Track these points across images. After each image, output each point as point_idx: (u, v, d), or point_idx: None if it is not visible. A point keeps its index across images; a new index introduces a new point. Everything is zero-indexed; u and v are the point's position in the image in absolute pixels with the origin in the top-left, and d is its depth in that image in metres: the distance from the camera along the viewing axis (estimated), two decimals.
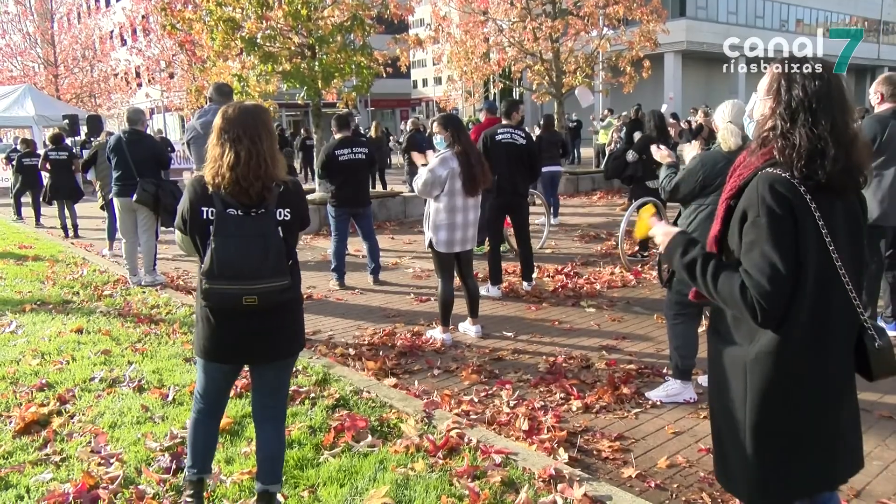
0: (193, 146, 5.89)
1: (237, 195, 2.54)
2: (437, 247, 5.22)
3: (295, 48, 12.13)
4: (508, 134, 6.66)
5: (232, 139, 2.55)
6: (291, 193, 2.67)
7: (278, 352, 2.72)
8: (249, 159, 2.53)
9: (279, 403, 2.86)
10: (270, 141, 2.62)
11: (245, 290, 2.49)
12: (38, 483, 3.23)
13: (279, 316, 2.65)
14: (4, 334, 5.71)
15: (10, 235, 11.78)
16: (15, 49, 34.36)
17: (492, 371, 4.73)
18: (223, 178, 2.54)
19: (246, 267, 2.50)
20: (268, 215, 2.57)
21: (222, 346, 2.67)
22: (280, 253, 2.55)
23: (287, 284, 2.57)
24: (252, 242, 2.52)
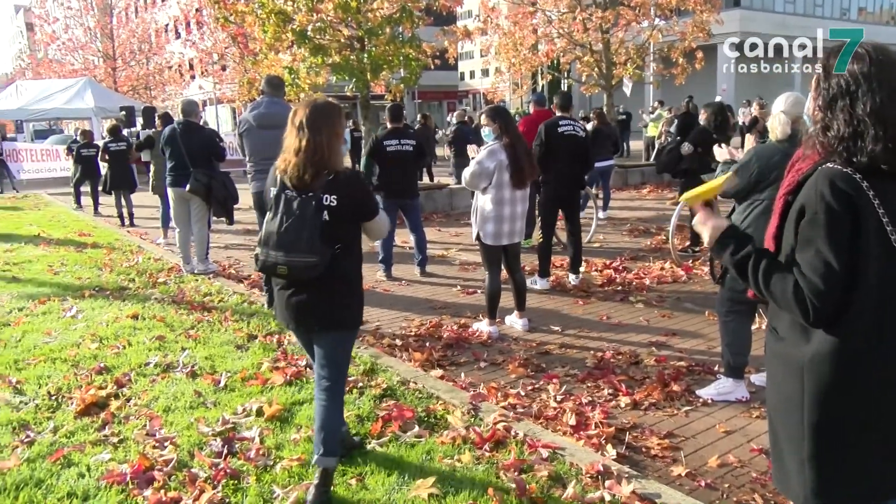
0: (246, 138, 5.98)
1: (294, 179, 2.86)
2: (484, 239, 5.21)
3: (344, 40, 12.24)
4: (570, 126, 6.60)
5: (298, 129, 2.87)
6: (342, 183, 2.88)
7: (315, 323, 3.00)
8: (308, 148, 2.82)
9: (329, 376, 3.04)
10: (330, 134, 2.88)
11: (279, 260, 2.83)
12: (97, 462, 3.34)
13: (319, 290, 2.92)
14: (65, 318, 5.91)
15: (70, 223, 12.19)
16: (77, 43, 35.45)
17: (538, 365, 4.70)
18: (288, 163, 2.87)
19: (283, 240, 2.82)
20: (314, 199, 2.84)
21: (280, 313, 3.07)
22: (315, 233, 2.80)
23: (314, 262, 2.81)
24: (294, 221, 2.82)
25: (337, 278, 2.93)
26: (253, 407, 3.87)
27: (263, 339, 5.14)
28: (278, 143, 5.84)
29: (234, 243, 9.85)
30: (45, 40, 38.43)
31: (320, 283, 2.88)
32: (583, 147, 6.69)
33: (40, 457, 3.41)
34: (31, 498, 3.04)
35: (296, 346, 4.95)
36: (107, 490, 3.09)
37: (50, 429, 3.75)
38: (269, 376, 4.31)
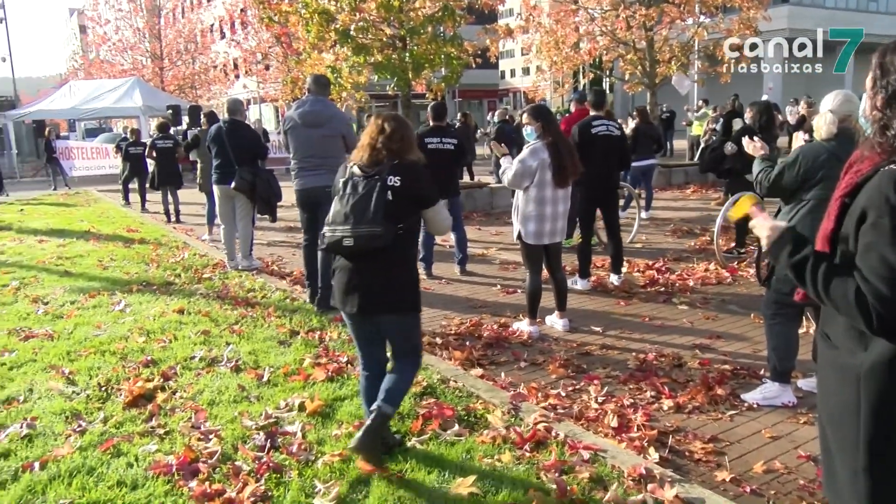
0: (290, 135, 6.04)
1: (366, 160, 3.15)
2: (525, 238, 5.19)
3: (386, 39, 12.29)
4: (604, 126, 6.53)
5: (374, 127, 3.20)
6: (405, 167, 3.16)
7: (377, 305, 3.16)
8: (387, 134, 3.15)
9: (402, 347, 3.33)
10: (409, 130, 3.27)
11: (345, 234, 3.05)
12: (145, 453, 3.42)
13: (379, 271, 3.12)
14: (114, 312, 6.07)
15: (118, 220, 12.51)
16: (126, 44, 36.32)
17: (579, 366, 4.67)
18: (363, 150, 3.18)
19: (350, 215, 3.06)
20: (379, 179, 3.09)
21: (340, 296, 3.21)
22: (380, 209, 3.03)
23: (378, 232, 3.02)
24: (360, 198, 3.07)
25: (397, 261, 3.15)
26: (295, 402, 3.92)
27: (305, 336, 5.20)
28: (322, 141, 5.96)
29: (276, 240, 9.99)
30: (96, 42, 39.45)
31: (381, 264, 3.10)
32: (617, 147, 6.61)
33: (91, 446, 3.51)
34: (84, 485, 3.13)
35: (337, 342, 5.00)
36: (154, 480, 3.16)
37: (100, 419, 3.86)
38: (311, 372, 4.36)
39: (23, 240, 10.57)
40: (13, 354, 5.00)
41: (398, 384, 3.25)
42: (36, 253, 9.30)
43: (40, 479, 3.18)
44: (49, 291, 6.96)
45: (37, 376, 4.56)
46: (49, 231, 11.37)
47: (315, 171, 5.91)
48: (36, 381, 4.45)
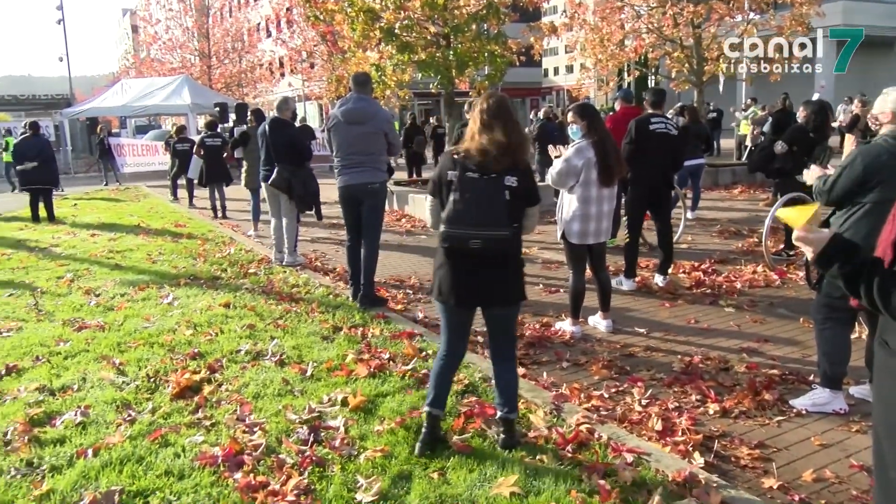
0: (333, 133, 6.10)
1: (477, 162, 3.18)
2: (569, 238, 5.15)
3: (430, 37, 12.33)
4: (663, 124, 6.44)
5: (486, 118, 3.22)
6: (522, 166, 3.28)
7: (495, 299, 3.30)
8: (495, 136, 3.18)
9: (508, 346, 3.47)
10: (512, 123, 3.27)
11: (472, 235, 3.12)
12: (191, 444, 3.49)
13: (499, 266, 3.25)
14: (163, 305, 6.21)
15: (167, 215, 12.79)
16: (175, 43, 37.10)
17: (623, 367, 4.61)
18: (473, 150, 3.21)
19: (475, 217, 3.13)
20: (498, 180, 3.17)
21: (453, 289, 3.27)
22: (502, 210, 3.15)
23: (506, 235, 3.16)
24: (482, 199, 3.15)
25: (513, 256, 3.30)
26: (338, 397, 3.95)
27: (348, 332, 5.25)
28: (365, 139, 5.99)
29: (320, 237, 10.10)
30: (147, 41, 40.38)
31: (501, 260, 3.23)
32: (675, 146, 6.52)
33: (140, 435, 3.60)
34: (134, 473, 3.21)
35: (379, 339, 5.03)
36: (200, 471, 3.23)
37: (149, 409, 3.95)
38: (354, 368, 4.40)
39: (76, 233, 10.90)
40: (68, 344, 5.16)
41: (512, 386, 3.42)
42: (88, 246, 9.58)
43: (93, 466, 3.27)
44: (101, 284, 7.16)
45: (89, 366, 4.69)
46: (101, 225, 11.70)
47: (357, 168, 5.95)
48: (89, 371, 4.59)
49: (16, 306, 6.40)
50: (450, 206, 3.19)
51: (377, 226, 6.15)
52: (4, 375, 4.58)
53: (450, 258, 3.26)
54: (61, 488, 3.09)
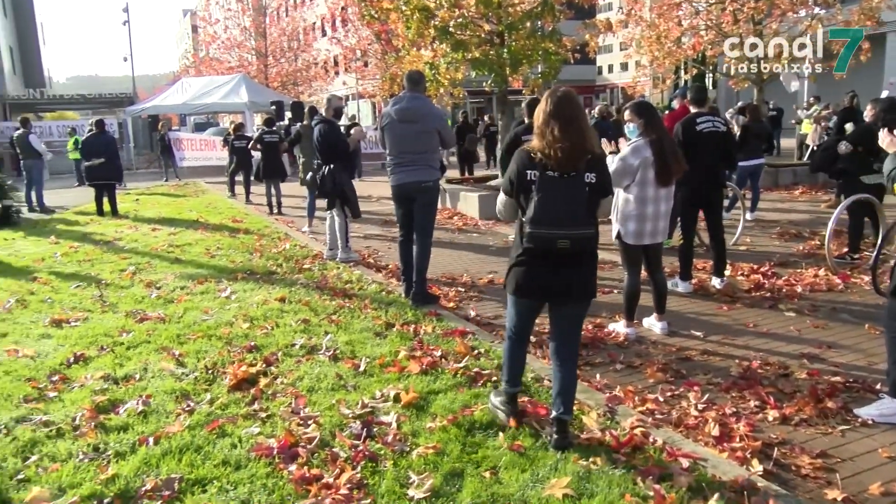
0: (387, 132, 6.14)
1: (556, 161, 3.19)
2: (624, 238, 5.07)
3: (484, 35, 12.30)
4: (710, 122, 6.30)
5: (558, 118, 3.22)
6: (598, 162, 3.31)
7: (574, 295, 3.37)
8: (574, 136, 3.20)
9: (572, 344, 3.50)
10: (584, 119, 3.31)
11: (560, 235, 3.17)
12: (248, 435, 3.56)
13: (579, 264, 3.31)
14: (220, 298, 6.36)
15: (224, 210, 13.09)
16: (234, 42, 37.94)
17: (678, 371, 4.53)
18: (549, 149, 3.21)
19: (561, 217, 3.16)
20: (578, 178, 3.21)
21: (531, 285, 3.36)
22: (585, 208, 3.20)
23: (592, 233, 3.24)
24: (565, 198, 3.18)
25: (593, 252, 3.35)
26: (390, 393, 3.98)
27: (400, 328, 5.28)
28: (418, 137, 6.02)
29: (373, 234, 10.19)
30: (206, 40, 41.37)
31: (584, 256, 3.30)
32: (725, 143, 6.36)
33: (199, 425, 3.69)
34: (192, 461, 3.29)
35: (431, 336, 5.05)
36: (256, 461, 3.29)
37: (207, 400, 4.05)
38: (406, 364, 4.43)
39: (138, 228, 11.24)
40: (130, 335, 5.33)
41: (570, 385, 3.46)
42: (150, 240, 9.87)
43: (154, 454, 3.37)
44: (161, 277, 7.37)
45: (150, 357, 4.84)
46: (161, 220, 12.05)
47: (410, 166, 5.98)
48: (150, 361, 4.72)
49: (82, 297, 6.64)
50: (534, 206, 3.20)
51: (430, 224, 6.17)
52: (73, 363, 4.76)
53: (532, 256, 3.30)
54: (125, 473, 3.19)
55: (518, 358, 3.65)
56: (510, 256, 3.51)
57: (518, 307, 3.54)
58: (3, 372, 4.60)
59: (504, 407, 3.62)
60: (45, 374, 4.55)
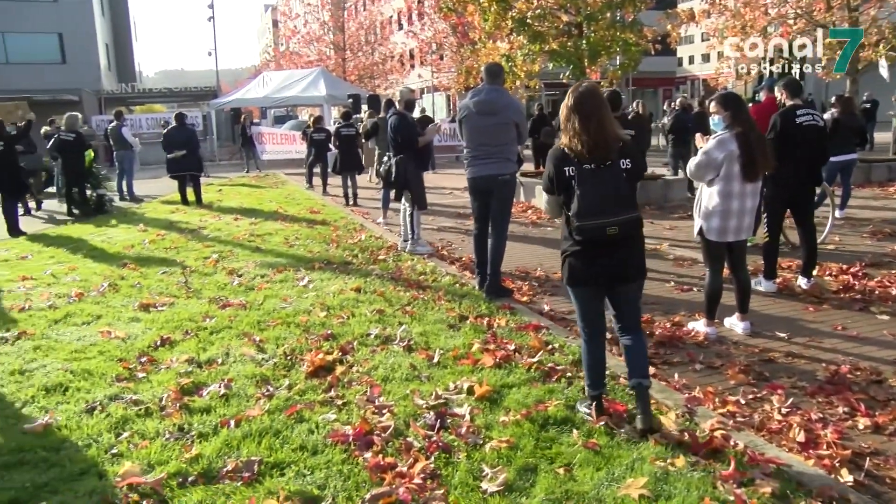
0: (465, 124, 6.13)
1: (591, 154, 3.29)
2: (707, 235, 4.92)
3: (563, 27, 12.16)
4: (809, 115, 6.03)
5: (581, 115, 3.32)
6: (629, 148, 3.42)
7: (627, 277, 3.47)
8: (596, 128, 3.30)
9: (634, 318, 3.61)
10: (605, 113, 3.37)
11: (608, 223, 3.27)
12: (324, 421, 3.64)
13: (629, 246, 3.41)
14: (298, 287, 6.51)
15: (302, 201, 13.40)
16: (313, 36, 38.75)
17: (761, 373, 4.36)
18: (581, 142, 3.31)
19: (606, 206, 3.27)
20: (615, 166, 3.32)
21: (586, 272, 3.45)
22: (627, 193, 3.31)
23: (637, 216, 3.35)
24: (607, 188, 3.29)
25: (640, 233, 3.45)
26: (464, 385, 3.99)
27: (474, 321, 5.28)
28: (495, 130, 6.00)
29: (446, 226, 10.24)
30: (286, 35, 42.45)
31: (633, 238, 3.40)
32: (823, 139, 6.08)
33: (278, 410, 3.79)
34: (271, 445, 3.39)
35: (505, 330, 5.03)
36: (332, 448, 3.36)
37: (285, 385, 4.16)
38: (480, 357, 4.42)
39: (221, 217, 11.64)
40: (213, 320, 5.52)
41: (642, 357, 3.56)
42: (232, 229, 10.20)
43: (235, 436, 3.48)
44: (243, 265, 7.61)
45: (232, 342, 5.00)
46: (242, 210, 12.43)
47: (488, 159, 5.96)
48: (231, 346, 4.89)
49: (168, 283, 6.93)
50: (578, 200, 3.29)
51: (506, 217, 6.14)
52: (160, 346, 4.97)
53: (583, 246, 3.38)
54: (208, 454, 3.31)
55: (596, 357, 3.63)
56: (561, 250, 3.58)
57: (580, 298, 3.60)
58: (97, 352, 4.85)
59: (590, 409, 3.59)
60: (134, 356, 4.77)
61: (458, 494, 2.92)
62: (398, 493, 2.90)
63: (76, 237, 10.04)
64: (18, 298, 6.43)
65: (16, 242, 9.93)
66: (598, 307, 3.63)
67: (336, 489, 3.00)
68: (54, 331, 5.41)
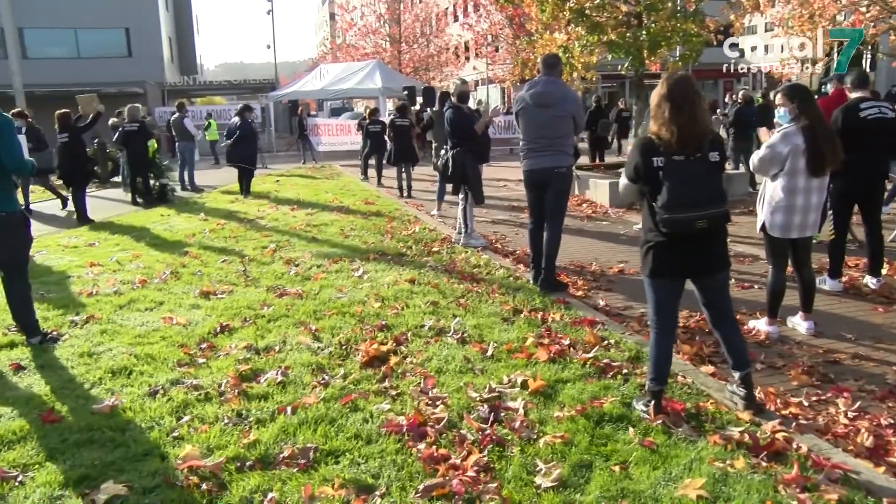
0: (521, 116, 6.09)
1: (680, 145, 3.25)
2: (770, 231, 4.77)
3: (622, 17, 11.93)
4: (876, 108, 5.78)
5: (673, 104, 3.27)
6: (718, 140, 3.41)
7: (712, 268, 3.49)
8: (689, 118, 3.25)
9: (726, 306, 3.63)
10: (697, 103, 3.33)
11: (696, 217, 3.24)
12: (378, 411, 3.67)
13: (714, 238, 3.40)
14: (353, 278, 6.58)
15: (358, 192, 13.53)
16: (369, 28, 39.01)
17: (825, 374, 4.22)
18: (671, 133, 3.26)
19: (696, 199, 3.23)
20: (704, 158, 3.30)
21: (669, 265, 3.44)
22: (716, 187, 3.30)
23: (726, 211, 3.32)
24: (696, 180, 3.25)
25: (726, 226, 3.45)
26: (518, 379, 3.97)
27: (528, 315, 5.25)
28: (552, 122, 5.94)
29: (500, 219, 10.20)
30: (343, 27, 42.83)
31: (719, 231, 3.40)
32: (892, 131, 5.81)
33: (333, 398, 3.83)
34: (326, 433, 3.43)
35: (560, 324, 4.99)
36: (386, 437, 3.38)
37: (340, 375, 4.21)
38: (534, 351, 4.39)
39: (278, 207, 11.84)
40: (270, 309, 5.62)
41: (739, 342, 3.65)
42: (289, 220, 10.37)
43: (291, 423, 3.54)
44: (299, 255, 7.73)
45: (289, 330, 5.08)
46: (299, 201, 12.62)
47: (544, 152, 5.91)
48: (288, 335, 4.97)
49: (228, 271, 7.09)
50: (666, 192, 3.25)
51: (562, 210, 6.08)
52: (219, 333, 5.09)
53: (669, 238, 3.35)
54: (265, 440, 3.38)
55: (665, 351, 3.60)
56: (642, 240, 3.55)
57: (659, 291, 3.55)
58: (160, 337, 5.00)
59: (648, 406, 3.53)
60: (194, 342, 4.90)
61: (512, 488, 2.91)
62: (451, 484, 2.90)
63: (140, 225, 10.37)
64: (86, 284, 6.67)
65: (84, 230, 10.31)
66: (676, 301, 3.60)
67: (390, 479, 3.02)
68: (119, 316, 5.59)
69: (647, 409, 3.50)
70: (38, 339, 4.93)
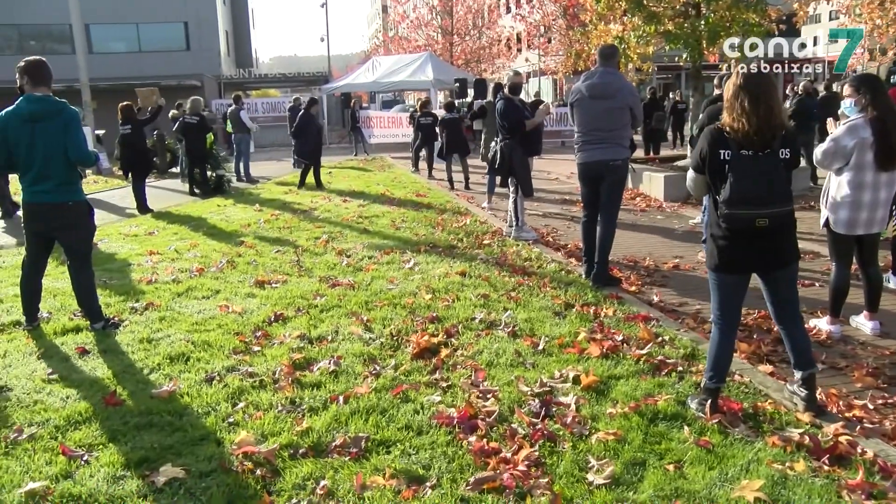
0: (577, 108, 6.00)
1: (750, 139, 3.17)
2: (835, 227, 4.61)
3: (680, 7, 11.66)
4: None
5: (751, 96, 3.18)
6: (790, 137, 3.28)
7: (780, 262, 3.41)
8: (765, 112, 3.16)
9: (792, 303, 3.54)
10: (777, 96, 3.26)
11: (757, 214, 3.17)
12: (429, 403, 3.68)
13: (781, 234, 3.31)
14: (405, 269, 6.61)
15: (409, 185, 13.58)
16: (421, 21, 39.06)
17: (892, 376, 4.06)
18: (742, 126, 3.17)
19: (757, 196, 3.15)
20: (773, 155, 3.20)
21: (734, 260, 3.37)
22: (783, 186, 3.20)
23: (790, 210, 3.25)
24: (763, 177, 3.17)
25: (793, 221, 3.36)
26: (569, 374, 3.93)
27: (580, 309, 5.19)
28: (608, 114, 5.85)
29: (551, 212, 10.12)
30: (396, 20, 43.01)
31: (787, 227, 3.32)
32: None
33: (384, 389, 3.86)
34: (378, 423, 3.46)
35: (612, 319, 4.92)
36: (437, 429, 3.39)
37: (392, 365, 4.23)
38: (586, 347, 4.34)
39: (331, 199, 11.98)
40: (323, 299, 5.69)
41: (805, 340, 3.57)
42: (341, 211, 10.49)
43: (343, 412, 3.58)
44: (351, 246, 7.81)
45: (341, 320, 5.14)
46: (351, 192, 12.74)
47: (600, 144, 5.82)
48: (340, 325, 5.02)
49: (282, 261, 7.20)
50: (730, 187, 3.18)
51: (616, 204, 5.99)
52: (273, 322, 5.18)
53: (733, 233, 3.29)
54: (318, 427, 3.42)
55: (725, 348, 3.52)
56: (708, 234, 3.52)
57: (723, 286, 3.49)
58: (216, 325, 5.11)
59: (704, 404, 3.46)
60: (250, 330, 5.00)
61: (563, 484, 2.88)
62: (502, 478, 2.89)
63: (197, 215, 10.62)
64: (146, 272, 6.87)
65: (144, 219, 10.61)
66: (740, 298, 3.53)
67: (441, 470, 3.02)
68: (177, 303, 5.74)
69: (704, 408, 3.42)
70: (102, 324, 5.10)
